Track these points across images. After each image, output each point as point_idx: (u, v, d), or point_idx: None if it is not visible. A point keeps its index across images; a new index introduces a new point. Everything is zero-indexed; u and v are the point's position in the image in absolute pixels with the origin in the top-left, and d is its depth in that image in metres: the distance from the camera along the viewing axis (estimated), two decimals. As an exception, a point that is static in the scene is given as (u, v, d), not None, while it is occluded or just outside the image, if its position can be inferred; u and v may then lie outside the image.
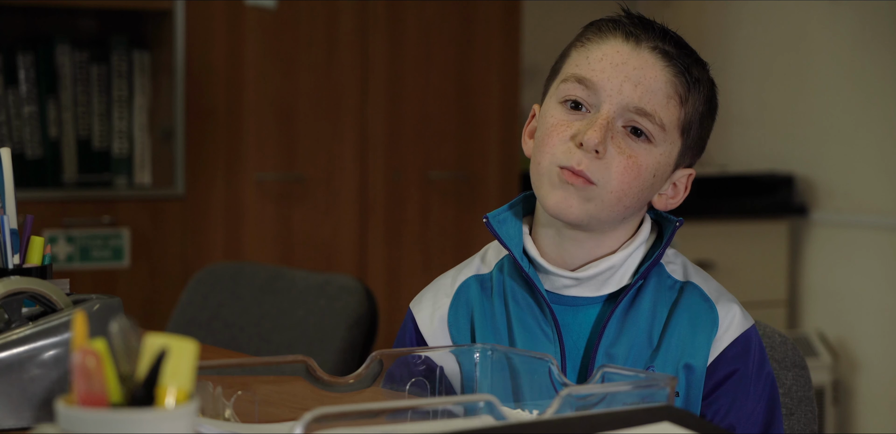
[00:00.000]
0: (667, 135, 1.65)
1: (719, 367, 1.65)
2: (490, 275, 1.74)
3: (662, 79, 1.64)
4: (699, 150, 1.72)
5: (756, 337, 1.69)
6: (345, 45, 4.04)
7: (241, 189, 3.95)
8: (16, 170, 1.77)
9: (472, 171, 4.20)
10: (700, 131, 1.70)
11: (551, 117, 1.66)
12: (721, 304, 1.68)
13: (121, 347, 1.09)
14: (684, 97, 1.65)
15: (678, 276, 1.70)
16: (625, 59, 1.64)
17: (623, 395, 1.37)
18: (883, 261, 4.22)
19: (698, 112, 1.68)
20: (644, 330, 1.66)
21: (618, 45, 1.65)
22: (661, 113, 1.64)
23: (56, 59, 3.84)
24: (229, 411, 1.43)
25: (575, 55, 1.68)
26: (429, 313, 1.75)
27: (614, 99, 1.63)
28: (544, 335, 1.67)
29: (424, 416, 1.44)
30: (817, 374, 4.09)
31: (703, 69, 1.69)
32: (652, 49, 1.65)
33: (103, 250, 3.78)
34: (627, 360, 1.65)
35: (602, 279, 1.68)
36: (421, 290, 1.79)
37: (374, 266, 4.09)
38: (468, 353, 1.58)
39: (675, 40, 1.67)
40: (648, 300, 1.67)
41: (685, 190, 1.73)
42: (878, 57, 4.25)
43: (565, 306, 1.69)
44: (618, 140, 1.63)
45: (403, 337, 1.77)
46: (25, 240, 1.75)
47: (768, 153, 4.59)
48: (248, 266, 2.83)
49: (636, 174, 1.64)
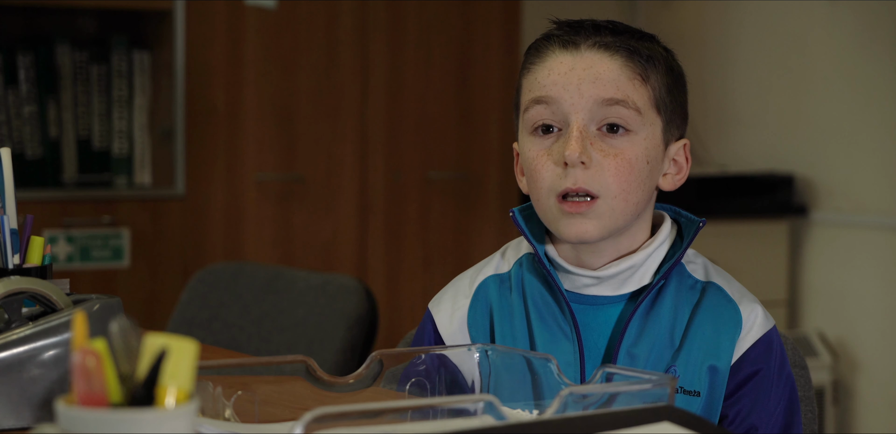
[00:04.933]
0: (644, 117, 1.66)
1: (742, 368, 1.66)
2: (509, 273, 1.75)
3: (615, 67, 1.65)
4: (683, 118, 1.72)
5: (777, 338, 1.70)
6: (345, 45, 4.04)
7: (241, 189, 3.95)
8: (16, 170, 1.77)
9: (472, 171, 4.20)
10: (674, 101, 1.70)
11: (529, 151, 1.68)
12: (744, 304, 1.69)
13: (121, 347, 1.09)
14: (644, 75, 1.66)
15: (699, 275, 1.71)
16: (571, 65, 1.65)
17: (626, 395, 1.37)
18: (883, 261, 4.22)
19: (665, 85, 1.68)
20: (666, 330, 1.67)
21: (559, 56, 1.67)
22: (633, 96, 1.64)
23: (56, 59, 3.84)
24: (229, 411, 1.43)
25: (525, 83, 1.70)
26: (448, 314, 1.75)
27: (578, 104, 1.64)
28: (563, 334, 1.68)
29: (425, 416, 1.44)
30: (817, 374, 4.09)
31: (651, 43, 1.69)
32: (591, 47, 1.66)
33: (103, 250, 3.78)
34: (649, 359, 1.65)
35: (622, 278, 1.68)
36: (440, 291, 1.79)
37: (374, 266, 4.09)
38: (481, 353, 1.58)
39: (611, 29, 1.68)
40: (670, 300, 1.68)
41: (687, 161, 1.73)
42: (878, 57, 4.25)
43: (585, 305, 1.69)
44: (598, 144, 1.64)
45: (422, 337, 1.77)
46: (25, 240, 1.75)
47: (768, 153, 4.59)
48: (248, 266, 2.83)
49: (629, 169, 1.64)
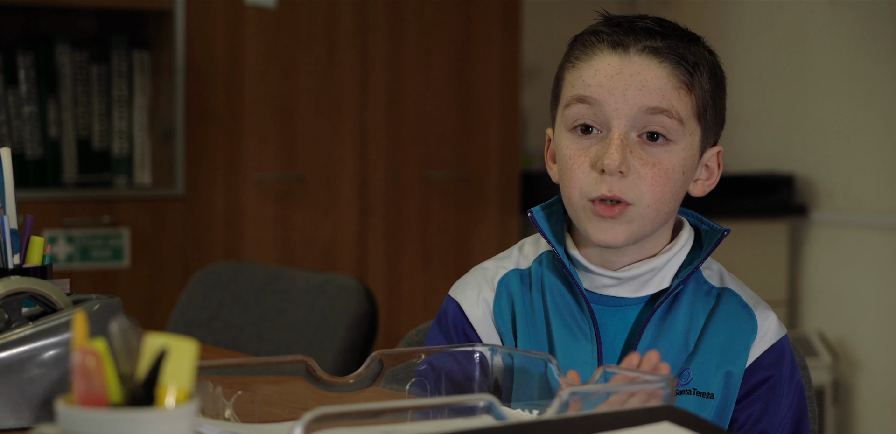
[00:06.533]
0: (685, 127, 1.65)
1: (754, 374, 1.68)
2: (529, 270, 1.74)
3: (662, 75, 1.64)
4: (720, 125, 1.72)
5: (789, 346, 1.72)
6: (345, 45, 4.04)
7: (241, 189, 3.95)
8: (16, 170, 1.77)
9: (472, 171, 4.20)
10: (715, 107, 1.70)
11: (566, 148, 1.67)
12: (759, 311, 1.70)
13: (121, 347, 1.09)
14: (689, 84, 1.65)
15: (715, 281, 1.72)
16: (618, 69, 1.64)
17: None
18: (883, 261, 4.22)
19: (708, 92, 1.68)
20: (681, 334, 1.67)
21: (606, 57, 1.65)
22: (677, 105, 1.64)
23: (56, 59, 3.84)
24: (229, 411, 1.43)
25: (569, 77, 1.69)
26: (474, 301, 1.73)
27: (622, 110, 1.63)
28: (582, 333, 1.68)
29: (426, 416, 1.44)
30: (817, 374, 4.09)
31: (698, 47, 1.69)
32: (641, 51, 1.65)
33: (103, 250, 3.78)
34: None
35: (643, 280, 1.69)
36: (459, 280, 1.78)
37: (374, 266, 4.09)
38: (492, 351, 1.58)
39: (661, 32, 1.66)
40: (686, 304, 1.69)
41: (719, 167, 1.73)
42: (878, 57, 4.25)
43: (604, 306, 1.69)
44: (637, 152, 1.63)
45: (446, 325, 1.75)
46: (25, 240, 1.75)
47: (768, 153, 4.59)
48: (248, 266, 2.83)
49: (665, 180, 1.64)
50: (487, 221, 4.21)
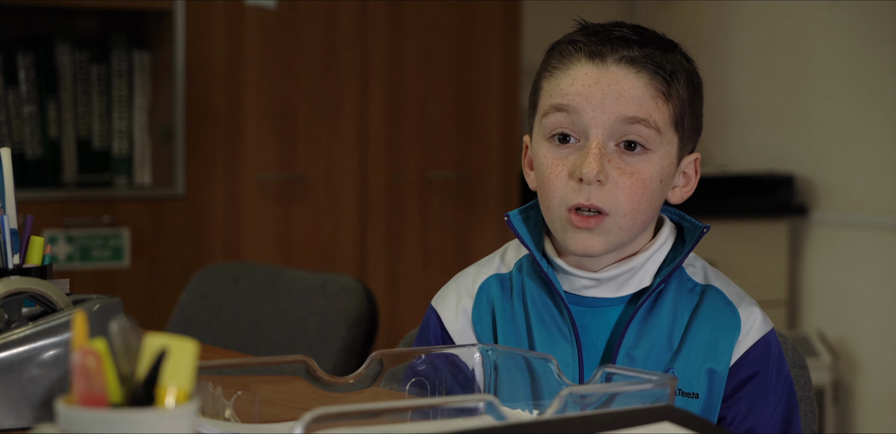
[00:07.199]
0: (663, 136, 1.65)
1: (740, 370, 1.67)
2: (510, 274, 1.75)
3: (640, 85, 1.63)
4: (697, 132, 1.72)
5: (775, 340, 1.71)
6: (345, 45, 4.04)
7: (241, 189, 3.95)
8: (16, 170, 1.77)
9: (472, 171, 4.20)
10: (692, 115, 1.69)
11: (544, 157, 1.67)
12: (743, 307, 1.69)
13: (121, 347, 1.09)
14: (667, 93, 1.65)
15: (698, 278, 1.71)
16: (595, 78, 1.64)
17: (626, 395, 1.37)
18: (883, 261, 4.22)
19: (685, 100, 1.67)
20: (664, 332, 1.67)
21: (584, 67, 1.65)
22: (655, 115, 1.64)
23: (56, 59, 3.84)
24: (229, 411, 1.43)
25: (546, 86, 1.68)
26: (453, 311, 1.75)
27: (600, 120, 1.63)
28: (562, 335, 1.68)
29: (426, 416, 1.44)
30: (817, 374, 4.09)
31: (675, 54, 1.68)
32: (618, 61, 1.64)
33: (103, 250, 3.78)
34: (647, 362, 1.66)
35: (622, 280, 1.69)
36: (441, 288, 1.79)
37: (374, 266, 4.09)
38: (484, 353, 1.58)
39: (637, 41, 1.66)
40: (669, 303, 1.68)
41: (696, 174, 1.73)
42: (878, 57, 4.25)
43: (584, 307, 1.69)
44: (615, 161, 1.63)
45: (427, 334, 1.76)
46: (25, 240, 1.75)
47: (768, 153, 4.59)
48: (248, 266, 2.83)
49: (643, 188, 1.64)
50: (487, 221, 4.22)
